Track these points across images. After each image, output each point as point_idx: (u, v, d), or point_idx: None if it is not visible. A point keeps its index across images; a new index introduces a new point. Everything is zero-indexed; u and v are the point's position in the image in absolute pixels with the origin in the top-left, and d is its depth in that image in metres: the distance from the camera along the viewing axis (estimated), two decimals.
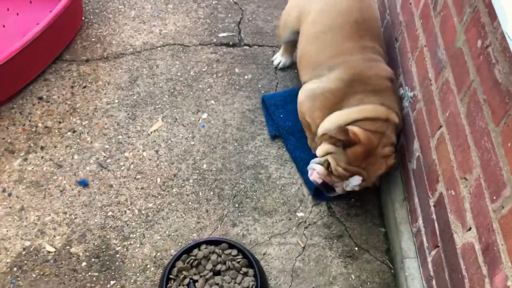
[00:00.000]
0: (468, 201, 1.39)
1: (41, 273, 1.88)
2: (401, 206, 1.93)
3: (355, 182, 1.84)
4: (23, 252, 1.91)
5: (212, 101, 2.37)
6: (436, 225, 1.64)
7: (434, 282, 1.65)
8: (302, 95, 2.03)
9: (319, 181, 1.91)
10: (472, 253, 1.37)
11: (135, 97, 2.35)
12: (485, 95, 1.31)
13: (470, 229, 1.38)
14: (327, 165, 1.86)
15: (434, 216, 1.66)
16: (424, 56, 1.75)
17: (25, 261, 1.90)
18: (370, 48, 1.95)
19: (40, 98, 2.32)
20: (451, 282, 1.51)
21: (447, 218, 1.54)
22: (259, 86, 2.43)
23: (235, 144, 2.24)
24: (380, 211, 2.08)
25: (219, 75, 2.46)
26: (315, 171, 1.91)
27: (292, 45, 2.35)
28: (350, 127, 1.81)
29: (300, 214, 2.06)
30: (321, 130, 1.92)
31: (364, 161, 1.81)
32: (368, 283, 1.91)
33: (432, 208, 1.67)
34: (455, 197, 1.48)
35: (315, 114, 1.96)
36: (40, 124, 2.24)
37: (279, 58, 2.47)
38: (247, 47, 2.57)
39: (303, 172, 2.12)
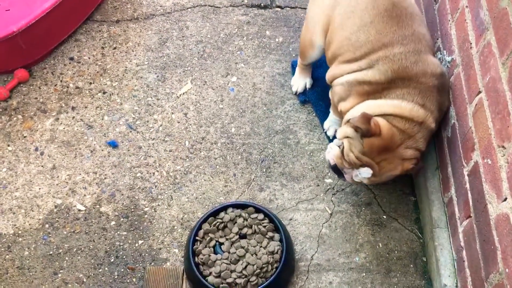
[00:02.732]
0: (505, 171, 1.33)
1: (72, 230, 1.92)
2: (433, 175, 1.88)
3: (364, 174, 1.70)
4: (55, 210, 1.96)
5: (242, 64, 2.33)
6: (470, 195, 1.58)
7: (464, 252, 1.61)
8: (337, 87, 1.85)
9: (332, 162, 1.78)
10: (506, 224, 1.31)
11: (164, 59, 2.34)
12: None
13: (505, 199, 1.32)
14: (342, 149, 1.73)
15: (467, 185, 1.60)
16: (465, 18, 1.66)
17: (57, 219, 1.94)
18: (410, 36, 1.73)
19: (71, 59, 2.33)
20: (482, 253, 1.47)
21: (481, 188, 1.48)
22: (290, 49, 2.37)
23: (264, 108, 2.21)
24: (411, 180, 2.03)
25: (250, 37, 2.41)
26: (331, 151, 1.79)
27: (312, 64, 2.17)
28: (375, 118, 1.65)
29: (328, 181, 2.03)
30: (348, 116, 1.77)
31: (379, 156, 1.66)
32: (396, 252, 1.88)
33: (466, 177, 1.61)
34: (491, 166, 1.42)
35: (348, 101, 1.79)
36: (71, 85, 2.26)
37: (298, 82, 2.22)
38: (278, 9, 2.50)
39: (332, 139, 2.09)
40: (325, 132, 2.11)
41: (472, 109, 1.58)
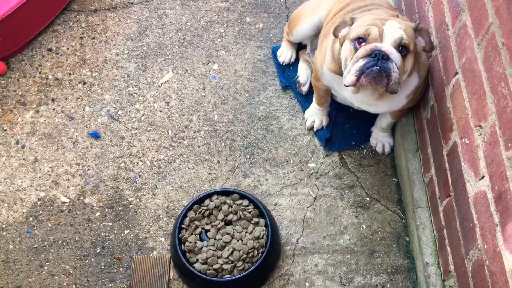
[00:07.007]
0: (482, 150, 1.36)
1: (57, 222, 1.92)
2: (414, 156, 1.91)
3: (392, 26, 1.55)
4: (38, 203, 1.95)
5: (223, 52, 2.32)
6: (449, 174, 1.61)
7: (445, 231, 1.64)
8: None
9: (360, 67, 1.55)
10: (484, 201, 1.34)
11: (144, 48, 2.32)
12: (503, 38, 1.25)
13: (483, 177, 1.35)
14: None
15: (447, 165, 1.63)
16: (441, 0, 1.68)
17: (41, 211, 1.93)
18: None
19: (50, 50, 2.30)
20: (462, 231, 1.50)
21: (460, 167, 1.51)
22: (271, 35, 2.37)
23: (246, 95, 2.21)
24: (393, 162, 2.06)
25: (230, 24, 2.40)
26: (353, 69, 1.56)
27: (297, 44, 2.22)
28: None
29: (311, 165, 2.04)
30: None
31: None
32: (379, 233, 1.91)
33: (445, 157, 1.64)
34: (469, 145, 1.45)
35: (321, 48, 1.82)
36: (50, 76, 2.23)
37: (286, 53, 2.25)
38: None
39: None
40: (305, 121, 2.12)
41: (450, 90, 1.60)
